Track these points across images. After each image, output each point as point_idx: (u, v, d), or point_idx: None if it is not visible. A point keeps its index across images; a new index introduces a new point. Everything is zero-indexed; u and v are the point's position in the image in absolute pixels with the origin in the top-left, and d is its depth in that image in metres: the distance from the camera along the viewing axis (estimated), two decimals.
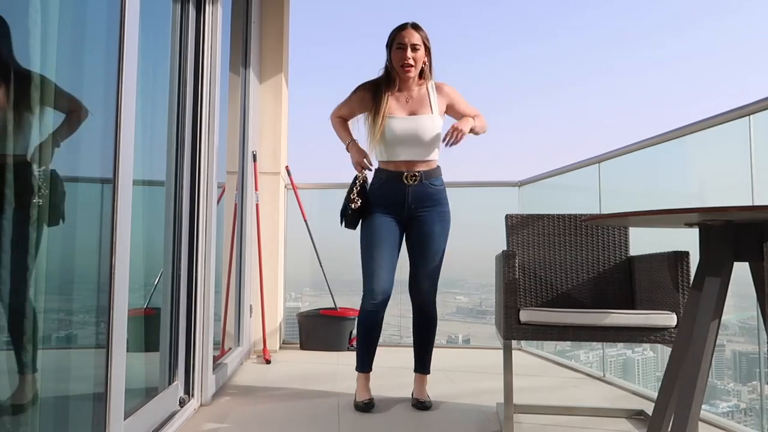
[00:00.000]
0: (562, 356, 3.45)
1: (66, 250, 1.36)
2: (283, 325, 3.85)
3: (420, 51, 2.23)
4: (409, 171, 2.24)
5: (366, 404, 2.24)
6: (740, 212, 1.20)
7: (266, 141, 3.61)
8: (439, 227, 2.27)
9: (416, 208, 2.26)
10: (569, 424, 2.09)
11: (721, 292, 1.36)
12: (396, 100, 2.27)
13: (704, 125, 2.19)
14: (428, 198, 2.26)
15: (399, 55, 2.23)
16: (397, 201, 2.25)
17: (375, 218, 2.25)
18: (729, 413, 2.40)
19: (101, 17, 1.54)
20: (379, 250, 2.22)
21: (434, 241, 2.27)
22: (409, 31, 2.22)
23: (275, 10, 3.67)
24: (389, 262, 2.23)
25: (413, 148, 2.24)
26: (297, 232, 3.90)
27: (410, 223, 2.29)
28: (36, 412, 1.21)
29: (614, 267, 2.35)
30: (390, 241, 2.24)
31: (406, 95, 2.29)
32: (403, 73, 2.24)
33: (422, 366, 2.37)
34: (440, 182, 2.30)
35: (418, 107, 2.27)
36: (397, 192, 2.25)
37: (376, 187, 2.30)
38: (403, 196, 2.25)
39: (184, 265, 2.14)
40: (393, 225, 2.26)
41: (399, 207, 2.26)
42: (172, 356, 2.07)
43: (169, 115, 2.08)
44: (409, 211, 2.27)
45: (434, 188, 2.27)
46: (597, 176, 3.05)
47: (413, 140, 2.23)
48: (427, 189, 2.25)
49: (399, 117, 2.24)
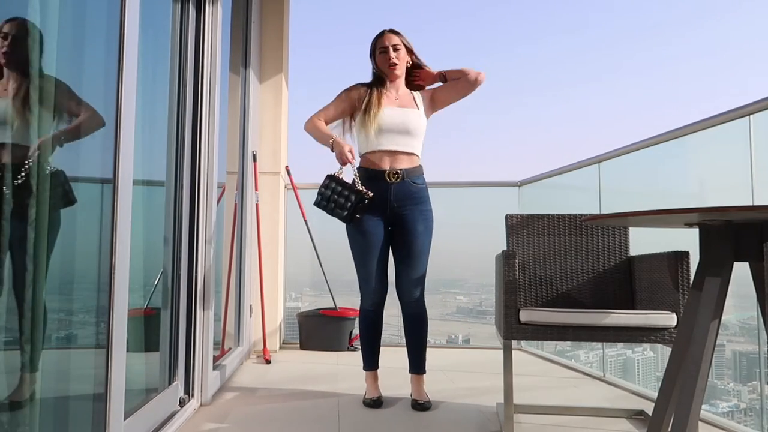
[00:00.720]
0: (562, 356, 3.45)
1: (66, 250, 1.35)
2: (283, 325, 3.85)
3: (401, 50, 2.36)
4: (391, 169, 2.28)
5: (374, 401, 2.30)
6: (740, 212, 1.20)
7: (266, 141, 3.61)
8: (422, 226, 2.31)
9: (399, 206, 2.29)
10: (569, 424, 2.09)
11: (721, 292, 1.36)
12: (386, 97, 2.36)
13: (704, 125, 2.19)
14: (410, 196, 2.30)
15: (383, 57, 2.35)
16: (379, 200, 2.27)
17: (361, 222, 2.29)
18: (729, 413, 2.40)
19: (101, 17, 1.54)
20: (370, 254, 2.29)
21: (418, 240, 2.30)
22: (388, 35, 2.37)
23: (275, 10, 3.67)
24: (381, 265, 2.32)
25: (399, 138, 2.29)
26: (297, 232, 3.90)
27: (394, 223, 2.33)
28: (36, 411, 1.21)
29: (614, 267, 2.35)
30: (378, 245, 2.30)
31: (394, 93, 2.39)
32: (390, 72, 2.35)
33: (417, 366, 2.39)
34: (422, 181, 2.35)
35: (405, 103, 2.37)
36: (380, 190, 2.27)
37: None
38: (386, 194, 2.28)
39: (184, 265, 2.14)
40: (379, 226, 2.30)
41: (382, 207, 2.29)
42: (172, 356, 2.07)
43: (169, 115, 2.08)
44: (392, 210, 2.30)
45: (416, 186, 2.31)
46: (597, 176, 3.05)
47: (400, 129, 2.29)
48: (409, 187, 2.29)
49: (387, 106, 2.32)
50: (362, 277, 2.34)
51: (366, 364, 2.44)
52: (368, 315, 2.39)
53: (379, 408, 2.29)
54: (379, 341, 2.43)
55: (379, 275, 2.31)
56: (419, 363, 2.38)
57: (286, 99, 3.85)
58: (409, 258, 2.31)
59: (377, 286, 2.32)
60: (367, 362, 2.43)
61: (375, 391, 2.38)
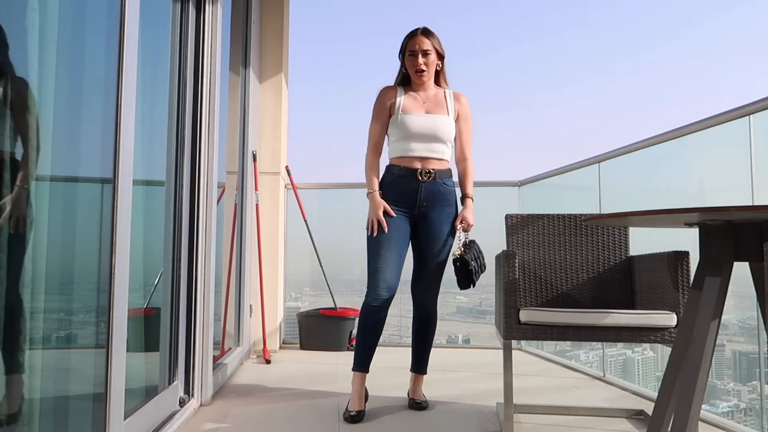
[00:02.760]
0: (562, 356, 3.45)
1: (66, 250, 1.35)
2: (283, 325, 3.85)
3: (431, 56, 2.27)
4: (423, 168, 2.24)
5: (353, 416, 2.11)
6: (740, 212, 1.20)
7: (266, 141, 3.61)
8: (447, 228, 2.27)
9: (427, 206, 2.26)
10: (569, 424, 2.09)
11: (721, 292, 1.36)
12: (413, 99, 2.30)
13: (704, 125, 2.19)
14: (440, 197, 2.26)
15: (412, 61, 2.28)
16: (409, 197, 2.25)
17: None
18: (729, 413, 2.40)
19: (101, 17, 1.54)
20: (389, 248, 2.20)
21: (441, 242, 2.27)
22: (420, 38, 2.27)
23: (275, 10, 3.67)
24: (397, 260, 2.22)
25: (428, 145, 2.25)
26: (297, 232, 3.90)
27: (419, 222, 2.29)
28: (34, 412, 1.21)
29: (614, 267, 2.35)
30: (399, 240, 2.23)
31: (423, 96, 2.32)
32: (418, 78, 2.29)
33: (420, 366, 2.37)
34: (452, 183, 2.31)
35: (434, 108, 2.30)
36: (410, 188, 2.24)
37: (388, 182, 2.29)
38: (416, 192, 2.24)
39: (184, 265, 2.14)
40: (403, 222, 2.25)
41: (410, 204, 2.25)
42: (172, 356, 2.07)
43: (169, 115, 2.08)
44: (419, 209, 2.26)
45: (446, 188, 2.28)
46: (597, 176, 3.05)
47: (429, 137, 2.24)
48: (439, 187, 2.26)
49: (416, 113, 2.26)
50: (374, 269, 2.19)
51: (357, 363, 2.22)
52: (372, 313, 2.19)
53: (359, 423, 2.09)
54: (377, 342, 2.26)
55: (394, 270, 2.20)
56: (423, 363, 2.37)
57: (286, 99, 3.85)
58: (431, 259, 2.27)
59: (389, 280, 2.18)
60: (358, 361, 2.22)
61: (359, 402, 2.17)
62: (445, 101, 2.32)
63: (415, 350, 2.38)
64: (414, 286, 2.34)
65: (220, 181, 2.63)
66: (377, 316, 2.19)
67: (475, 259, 2.23)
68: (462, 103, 2.36)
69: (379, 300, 2.17)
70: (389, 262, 2.19)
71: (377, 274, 2.18)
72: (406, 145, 2.25)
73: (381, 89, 2.36)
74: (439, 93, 2.34)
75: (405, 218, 2.26)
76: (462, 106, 2.35)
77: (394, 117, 2.28)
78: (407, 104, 2.28)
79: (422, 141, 2.25)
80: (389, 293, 2.18)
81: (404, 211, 2.26)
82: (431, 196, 2.25)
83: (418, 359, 2.38)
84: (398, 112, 2.27)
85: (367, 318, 2.20)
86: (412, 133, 2.24)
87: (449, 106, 2.32)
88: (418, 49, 2.26)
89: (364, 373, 2.22)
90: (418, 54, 2.26)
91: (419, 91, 2.33)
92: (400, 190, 2.25)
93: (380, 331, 2.25)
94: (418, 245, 2.30)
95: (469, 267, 2.19)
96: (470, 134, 2.39)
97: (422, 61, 2.26)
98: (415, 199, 2.25)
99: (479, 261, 2.25)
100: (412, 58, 2.28)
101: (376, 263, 2.20)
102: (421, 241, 2.29)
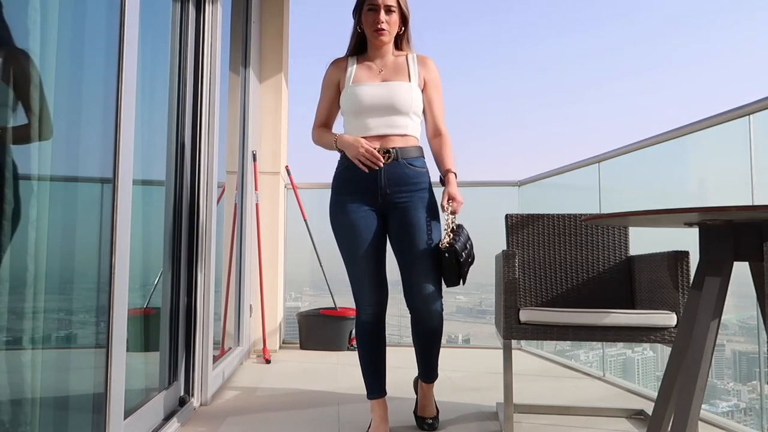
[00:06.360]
0: (562, 356, 3.45)
1: (66, 250, 1.35)
2: (283, 325, 3.85)
3: (395, 14, 1.87)
4: (382, 147, 1.86)
5: None
6: (740, 212, 1.20)
7: (266, 141, 3.61)
8: (424, 214, 1.87)
9: (392, 193, 1.86)
10: (569, 424, 2.09)
11: (721, 292, 1.36)
12: (368, 69, 1.92)
13: (704, 125, 2.19)
14: (406, 180, 1.86)
15: (370, 17, 1.86)
16: (368, 186, 1.86)
17: (348, 213, 1.86)
18: (729, 413, 2.40)
19: (101, 17, 1.54)
20: (362, 256, 1.85)
21: (422, 232, 1.85)
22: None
23: (275, 10, 3.67)
24: (375, 262, 1.87)
25: (386, 119, 1.86)
26: (297, 232, 3.90)
27: (388, 213, 1.90)
28: (34, 412, 1.21)
29: (614, 267, 2.35)
30: (370, 237, 1.86)
31: (379, 64, 1.93)
32: (376, 38, 1.87)
33: (428, 375, 1.99)
34: (421, 163, 1.91)
35: (392, 75, 1.91)
36: (368, 175, 1.85)
37: (340, 170, 1.92)
38: (375, 179, 1.85)
39: (184, 265, 2.14)
40: (369, 220, 1.87)
41: (372, 194, 1.87)
42: (172, 356, 2.07)
43: (169, 115, 2.08)
44: (384, 198, 1.86)
45: (413, 169, 1.87)
46: (597, 176, 3.05)
47: (386, 109, 1.85)
48: (404, 169, 1.86)
49: (368, 84, 1.88)
50: (354, 281, 1.88)
51: (370, 390, 1.91)
52: (366, 329, 1.90)
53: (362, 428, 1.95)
54: (383, 360, 1.94)
55: (374, 277, 1.86)
56: (431, 371, 1.99)
57: (286, 99, 3.86)
58: (414, 255, 1.84)
59: (373, 290, 1.86)
60: (370, 388, 1.91)
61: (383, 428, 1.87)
62: (407, 66, 1.93)
63: (420, 361, 1.99)
64: (408, 297, 1.89)
65: (220, 181, 2.63)
66: (373, 331, 1.92)
67: (464, 248, 1.84)
68: (429, 67, 1.96)
69: (368, 314, 1.90)
70: (365, 270, 1.86)
71: (360, 289, 1.88)
72: (361, 122, 1.87)
73: (330, 63, 1.99)
74: (399, 59, 1.95)
75: (370, 212, 1.88)
76: (429, 71, 1.96)
77: (344, 90, 1.91)
78: (359, 74, 1.90)
79: (378, 115, 1.85)
80: (379, 307, 1.89)
81: (367, 206, 1.87)
82: (395, 180, 1.85)
83: (426, 369, 1.98)
84: (348, 84, 1.90)
85: (364, 337, 1.92)
86: (365, 106, 1.85)
87: (411, 71, 1.92)
88: (381, 3, 1.85)
89: (382, 398, 1.92)
90: (380, 9, 1.85)
91: (375, 59, 1.94)
92: (357, 178, 1.87)
93: (383, 346, 1.95)
94: (396, 242, 1.89)
95: (460, 258, 1.81)
96: (442, 103, 1.99)
97: (384, 19, 1.85)
98: (375, 187, 1.86)
99: (468, 250, 1.87)
100: (372, 14, 1.86)
101: (354, 275, 1.88)
102: (396, 235, 1.89)
